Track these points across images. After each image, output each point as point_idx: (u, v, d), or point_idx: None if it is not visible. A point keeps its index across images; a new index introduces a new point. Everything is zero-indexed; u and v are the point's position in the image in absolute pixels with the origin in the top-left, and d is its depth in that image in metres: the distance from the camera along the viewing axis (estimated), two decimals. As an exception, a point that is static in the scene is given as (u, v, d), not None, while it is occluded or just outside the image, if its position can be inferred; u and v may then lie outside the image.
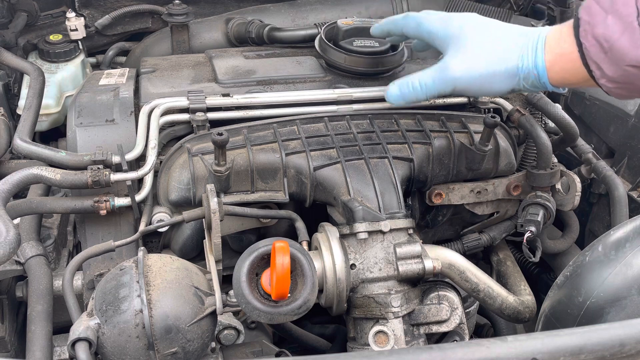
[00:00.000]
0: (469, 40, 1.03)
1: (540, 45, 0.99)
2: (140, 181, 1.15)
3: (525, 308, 1.17)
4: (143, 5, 1.79)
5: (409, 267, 1.03)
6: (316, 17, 1.73)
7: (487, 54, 1.02)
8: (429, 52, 1.58)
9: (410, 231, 1.08)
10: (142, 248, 0.95)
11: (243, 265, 0.91)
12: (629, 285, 0.93)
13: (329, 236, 1.03)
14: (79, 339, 0.84)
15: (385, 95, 1.14)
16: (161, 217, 1.16)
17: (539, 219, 1.28)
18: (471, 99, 1.36)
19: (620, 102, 1.43)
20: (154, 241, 1.25)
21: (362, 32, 1.37)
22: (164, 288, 0.89)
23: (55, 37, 1.64)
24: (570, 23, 0.96)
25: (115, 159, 1.12)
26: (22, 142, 1.15)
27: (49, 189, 1.26)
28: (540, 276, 1.55)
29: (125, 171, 1.11)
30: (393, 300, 1.02)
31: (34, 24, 1.72)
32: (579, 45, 0.93)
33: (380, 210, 1.08)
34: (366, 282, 1.03)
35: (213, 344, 1.04)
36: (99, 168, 1.10)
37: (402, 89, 1.10)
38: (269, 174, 1.17)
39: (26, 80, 1.50)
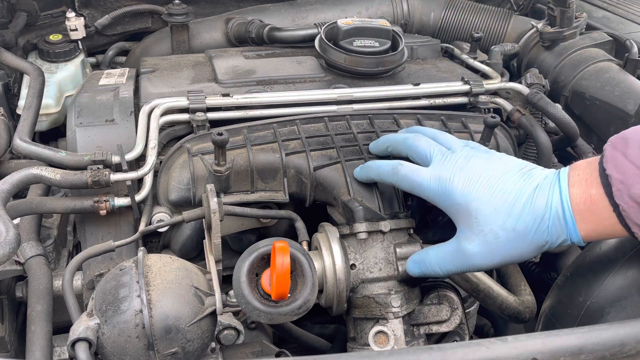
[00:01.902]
0: (481, 217, 0.90)
1: (569, 213, 0.86)
2: (140, 181, 1.15)
3: (525, 308, 1.17)
4: (143, 5, 1.79)
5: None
6: (316, 17, 1.73)
7: (507, 234, 0.89)
8: (429, 52, 1.59)
9: (411, 231, 1.08)
10: (142, 248, 0.95)
11: (243, 265, 0.91)
12: (629, 285, 0.93)
13: (329, 236, 1.03)
14: (78, 339, 0.84)
15: (406, 268, 1.03)
16: (161, 217, 1.16)
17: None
18: (471, 99, 1.36)
19: (620, 102, 1.43)
20: (154, 241, 1.25)
21: (362, 32, 1.37)
22: (164, 288, 0.89)
23: (55, 37, 1.64)
24: (593, 179, 0.85)
25: (115, 159, 1.12)
26: (22, 142, 1.15)
27: (49, 189, 1.25)
28: (541, 276, 1.55)
29: (125, 171, 1.10)
30: (393, 300, 1.02)
31: (34, 24, 1.72)
32: (614, 205, 0.83)
33: (380, 210, 1.08)
34: (366, 282, 1.03)
35: (213, 344, 1.04)
36: (98, 168, 1.09)
37: (422, 270, 0.99)
38: (269, 174, 1.17)
39: (26, 80, 1.50)
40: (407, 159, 1.05)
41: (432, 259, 0.97)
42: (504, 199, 0.89)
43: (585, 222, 0.86)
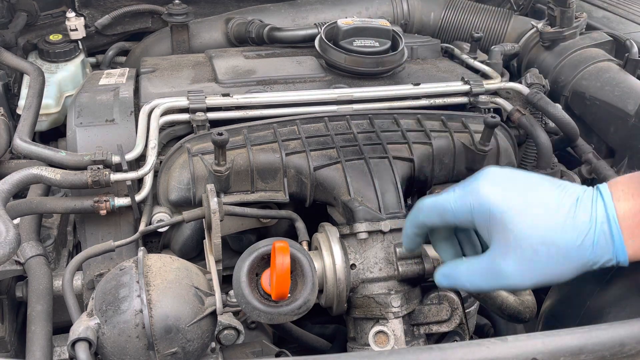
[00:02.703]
0: (517, 230, 0.81)
1: (616, 228, 0.79)
2: (140, 181, 1.15)
3: (525, 308, 1.17)
4: (143, 5, 1.79)
5: (409, 267, 1.03)
6: (316, 17, 1.73)
7: (547, 249, 0.80)
8: (429, 52, 1.59)
9: (411, 231, 1.08)
10: (142, 248, 0.95)
11: (243, 265, 0.91)
12: (629, 285, 0.93)
13: (329, 236, 1.03)
14: (79, 339, 0.84)
15: (435, 279, 0.94)
16: (161, 217, 1.16)
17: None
18: (471, 99, 1.36)
19: (620, 102, 1.43)
20: (154, 241, 1.25)
21: (362, 32, 1.37)
22: (164, 288, 0.89)
23: (55, 37, 1.65)
24: (639, 190, 0.80)
25: (115, 159, 1.12)
26: (22, 142, 1.15)
27: (49, 189, 1.25)
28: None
29: (125, 171, 1.10)
30: (393, 300, 1.02)
31: (34, 24, 1.73)
32: None
33: (380, 210, 1.08)
34: (366, 282, 1.03)
35: (213, 344, 1.04)
36: (99, 168, 1.09)
37: (451, 284, 0.92)
38: (269, 174, 1.17)
39: (26, 80, 1.50)
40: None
41: (462, 274, 0.89)
42: (543, 210, 0.81)
43: (635, 237, 0.79)
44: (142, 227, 1.11)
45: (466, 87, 1.36)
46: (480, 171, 0.87)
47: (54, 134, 1.58)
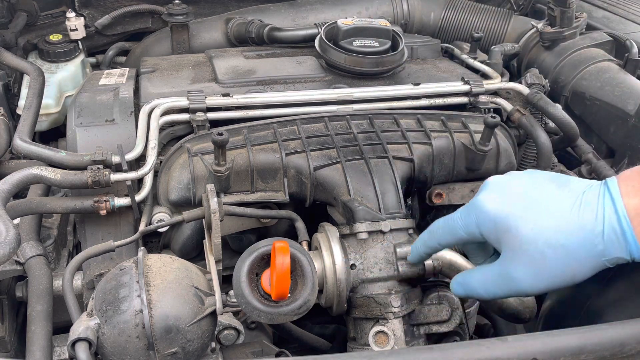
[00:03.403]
0: (522, 235, 0.81)
1: (627, 225, 0.76)
2: (140, 181, 1.15)
3: (525, 308, 1.17)
4: (143, 5, 1.79)
5: (409, 267, 1.03)
6: (316, 17, 1.73)
7: (555, 251, 0.79)
8: (429, 52, 1.59)
9: (411, 231, 1.08)
10: (142, 248, 0.95)
11: (243, 265, 0.91)
12: (629, 285, 0.93)
13: (329, 236, 1.03)
14: (79, 339, 0.84)
15: (451, 288, 0.96)
16: (161, 217, 1.16)
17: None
18: (471, 99, 1.36)
19: (620, 102, 1.43)
20: (154, 241, 1.25)
21: (362, 32, 1.37)
22: (164, 288, 0.89)
23: (55, 37, 1.65)
24: None
25: (115, 159, 1.12)
26: (22, 142, 1.15)
27: (49, 189, 1.25)
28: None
29: (125, 171, 1.10)
30: (393, 300, 1.02)
31: (34, 24, 1.73)
32: None
33: (380, 211, 1.08)
34: (366, 282, 1.03)
35: (213, 344, 1.03)
36: (99, 168, 1.09)
37: (467, 292, 0.92)
38: (269, 174, 1.17)
39: (26, 80, 1.50)
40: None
41: (475, 282, 0.89)
42: (545, 212, 0.80)
43: None
44: (142, 227, 1.11)
45: (466, 87, 1.36)
46: (480, 189, 0.88)
47: (54, 134, 1.58)
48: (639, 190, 0.77)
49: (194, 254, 1.24)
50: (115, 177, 1.10)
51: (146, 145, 1.15)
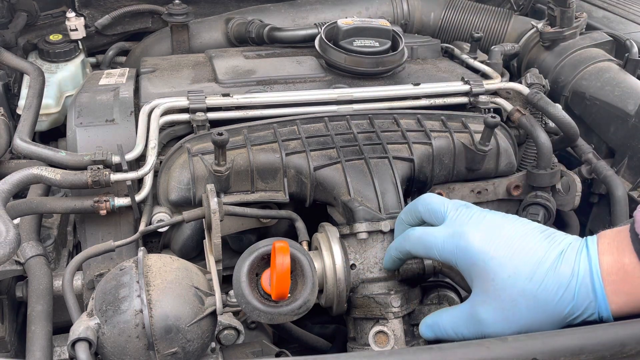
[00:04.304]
0: (498, 280, 0.81)
1: (598, 283, 0.78)
2: (140, 181, 1.15)
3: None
4: (143, 5, 1.79)
5: (409, 267, 1.03)
6: (316, 17, 1.73)
7: (527, 302, 0.80)
8: (429, 52, 1.59)
9: (411, 231, 1.08)
10: (142, 248, 0.95)
11: (243, 265, 0.91)
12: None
13: (329, 236, 1.03)
14: (79, 339, 0.84)
15: (420, 331, 0.97)
16: (161, 217, 1.16)
17: (539, 219, 1.28)
18: (471, 99, 1.36)
19: (620, 102, 1.43)
20: (154, 241, 1.25)
21: (362, 32, 1.37)
22: (164, 288, 0.89)
23: (55, 37, 1.65)
24: (625, 246, 0.78)
25: (115, 159, 1.12)
26: (22, 142, 1.15)
27: (49, 189, 1.25)
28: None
29: (125, 171, 1.10)
30: (393, 300, 1.02)
31: (34, 24, 1.73)
32: None
33: (380, 210, 1.08)
34: (366, 282, 1.03)
35: (213, 344, 1.03)
36: (99, 168, 1.09)
37: (436, 334, 0.92)
38: (269, 174, 1.17)
39: (26, 80, 1.50)
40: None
41: (445, 323, 0.90)
42: (526, 261, 0.80)
43: (618, 294, 0.77)
44: (142, 227, 1.11)
45: (466, 87, 1.36)
46: (471, 214, 0.88)
47: (54, 134, 1.58)
48: (613, 247, 0.79)
49: (194, 254, 1.24)
50: (115, 177, 1.10)
51: (146, 145, 1.15)
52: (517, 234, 0.83)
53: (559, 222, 1.47)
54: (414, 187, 1.23)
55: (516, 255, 0.81)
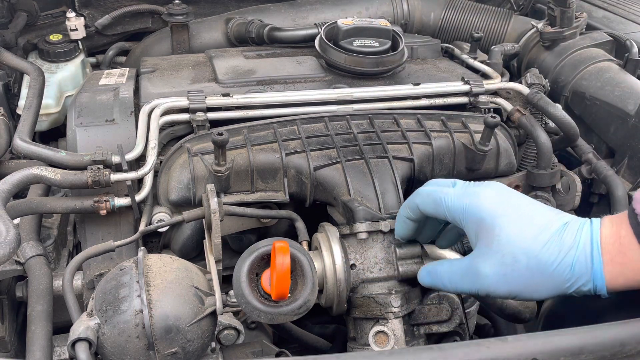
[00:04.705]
0: (503, 235, 0.83)
1: (597, 252, 0.81)
2: (140, 181, 1.15)
3: (525, 308, 1.17)
4: (143, 5, 1.79)
5: (410, 267, 1.03)
6: (316, 17, 1.73)
7: (528, 260, 0.82)
8: (429, 52, 1.59)
9: (411, 231, 1.08)
10: (142, 248, 0.95)
11: (243, 265, 0.91)
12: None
13: (329, 236, 1.03)
14: (79, 339, 0.84)
15: (418, 275, 0.99)
16: (161, 217, 1.16)
17: (539, 219, 1.28)
18: (471, 99, 1.36)
19: (620, 102, 1.43)
20: (154, 241, 1.25)
21: (362, 32, 1.37)
22: (164, 288, 0.89)
23: (55, 37, 1.65)
24: (623, 221, 0.81)
25: (115, 159, 1.12)
26: (22, 142, 1.15)
27: (49, 189, 1.25)
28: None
29: (125, 171, 1.10)
30: (393, 300, 1.02)
31: (34, 24, 1.73)
32: None
33: (380, 210, 1.08)
34: (366, 282, 1.03)
35: (213, 344, 1.04)
36: (99, 168, 1.09)
37: (433, 281, 0.95)
38: (269, 174, 1.17)
39: (26, 80, 1.50)
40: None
41: (444, 272, 0.92)
42: (532, 223, 0.83)
43: (613, 264, 0.80)
44: (142, 227, 1.11)
45: (466, 87, 1.36)
46: (480, 183, 0.90)
47: (54, 134, 1.58)
48: (615, 224, 0.82)
49: (194, 254, 1.24)
50: (115, 177, 1.10)
51: (146, 145, 1.15)
52: (526, 201, 0.87)
53: (559, 222, 1.47)
54: (414, 187, 1.23)
55: (524, 217, 0.84)
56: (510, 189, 0.89)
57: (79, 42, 1.68)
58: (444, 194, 0.90)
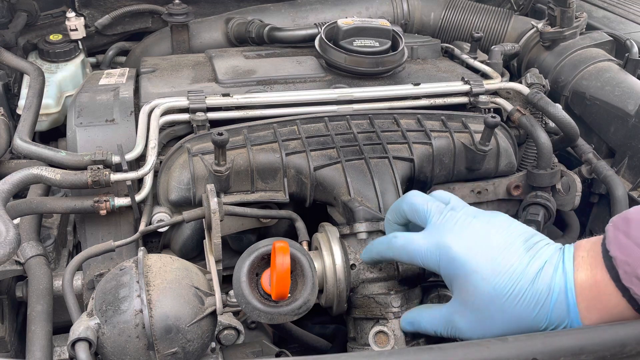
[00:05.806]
0: (478, 294, 0.84)
1: (572, 300, 0.80)
2: (140, 181, 1.15)
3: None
4: (143, 5, 1.79)
5: (409, 267, 1.03)
6: (316, 17, 1.73)
7: (503, 317, 0.83)
8: (429, 52, 1.59)
9: (411, 231, 1.08)
10: (142, 248, 0.95)
11: (243, 265, 0.91)
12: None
13: (329, 236, 1.03)
14: (79, 339, 0.84)
15: (400, 324, 1.01)
16: (161, 217, 1.16)
17: (539, 219, 1.28)
18: (471, 99, 1.36)
19: (620, 102, 1.43)
20: (154, 241, 1.25)
21: (363, 32, 1.37)
22: (164, 288, 0.89)
23: (55, 37, 1.64)
24: (599, 263, 0.79)
25: (115, 159, 1.12)
26: (22, 142, 1.15)
27: (49, 189, 1.25)
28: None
29: (125, 171, 1.10)
30: (393, 300, 1.02)
31: (34, 24, 1.72)
32: (624, 290, 0.77)
33: (380, 210, 1.08)
34: (366, 282, 1.03)
35: (213, 344, 1.03)
36: (99, 168, 1.09)
37: (417, 330, 0.97)
38: (269, 174, 1.17)
39: (26, 80, 1.50)
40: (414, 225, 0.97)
41: (425, 323, 0.95)
42: (506, 278, 0.82)
43: (590, 310, 0.80)
44: (142, 227, 1.11)
45: (466, 87, 1.36)
46: (455, 220, 0.89)
47: (54, 134, 1.58)
48: (589, 264, 0.80)
49: (194, 254, 1.24)
50: (115, 177, 1.10)
51: (146, 145, 1.15)
52: (500, 246, 0.85)
53: (559, 222, 1.47)
54: (414, 187, 1.23)
55: (497, 271, 0.83)
56: (483, 228, 0.87)
57: (79, 42, 1.68)
58: (417, 247, 0.90)
